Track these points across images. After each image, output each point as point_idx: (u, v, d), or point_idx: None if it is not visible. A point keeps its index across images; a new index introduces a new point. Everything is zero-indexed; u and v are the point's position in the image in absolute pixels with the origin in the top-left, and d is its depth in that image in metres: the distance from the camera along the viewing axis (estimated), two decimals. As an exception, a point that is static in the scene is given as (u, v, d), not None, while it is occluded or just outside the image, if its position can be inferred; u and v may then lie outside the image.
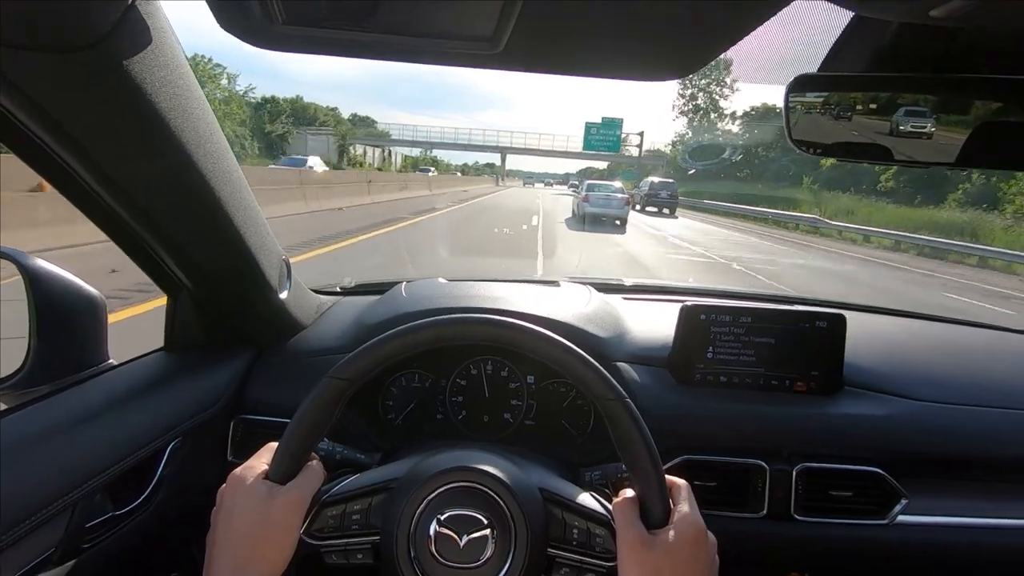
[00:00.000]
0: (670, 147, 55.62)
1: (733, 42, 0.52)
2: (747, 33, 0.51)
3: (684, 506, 0.56)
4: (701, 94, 51.61)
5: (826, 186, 29.23)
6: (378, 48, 0.52)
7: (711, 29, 0.50)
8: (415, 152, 70.68)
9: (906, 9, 0.44)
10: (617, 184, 18.66)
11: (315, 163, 22.49)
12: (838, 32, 0.57)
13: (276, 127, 48.39)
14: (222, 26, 0.49)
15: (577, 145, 60.55)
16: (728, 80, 49.59)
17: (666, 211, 24.40)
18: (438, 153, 78.47)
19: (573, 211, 18.37)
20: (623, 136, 51.37)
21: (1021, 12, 0.43)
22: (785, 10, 0.47)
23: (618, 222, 15.98)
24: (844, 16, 0.55)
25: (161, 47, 0.53)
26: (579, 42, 0.52)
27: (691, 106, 52.88)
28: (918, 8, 0.42)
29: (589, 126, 50.49)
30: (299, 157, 25.17)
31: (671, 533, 0.54)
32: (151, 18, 0.51)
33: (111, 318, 0.82)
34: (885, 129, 0.60)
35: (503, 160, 69.17)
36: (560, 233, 13.08)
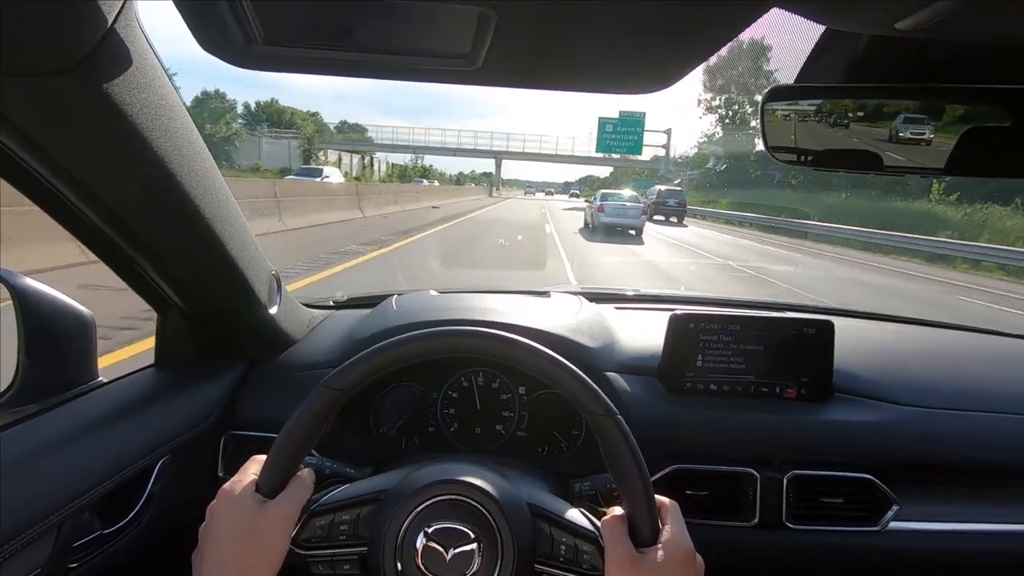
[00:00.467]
0: (695, 148, 49.02)
1: (710, 54, 0.53)
2: (723, 45, 0.52)
3: (672, 526, 0.57)
4: (733, 85, 43.34)
5: (970, 198, 18.27)
6: (357, 66, 0.53)
7: (686, 42, 0.51)
8: (406, 159, 64.20)
9: (872, 22, 0.45)
10: (632, 194, 18.23)
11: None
12: (812, 44, 0.58)
13: (220, 128, 40.36)
14: (202, 47, 0.49)
15: (584, 148, 53.47)
16: (765, 68, 40.55)
17: (673, 219, 24.18)
18: (431, 160, 74.21)
19: (586, 221, 17.90)
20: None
21: (986, 24, 0.44)
22: (759, 22, 0.48)
23: (633, 232, 15.61)
24: (816, 29, 0.56)
25: (142, 68, 0.54)
26: (556, 57, 0.53)
27: (721, 100, 44.51)
28: (884, 21, 0.43)
29: (603, 123, 40.36)
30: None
31: (659, 553, 0.54)
32: (131, 40, 0.51)
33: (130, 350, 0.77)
34: (878, 136, 0.60)
35: (498, 167, 63.17)
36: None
